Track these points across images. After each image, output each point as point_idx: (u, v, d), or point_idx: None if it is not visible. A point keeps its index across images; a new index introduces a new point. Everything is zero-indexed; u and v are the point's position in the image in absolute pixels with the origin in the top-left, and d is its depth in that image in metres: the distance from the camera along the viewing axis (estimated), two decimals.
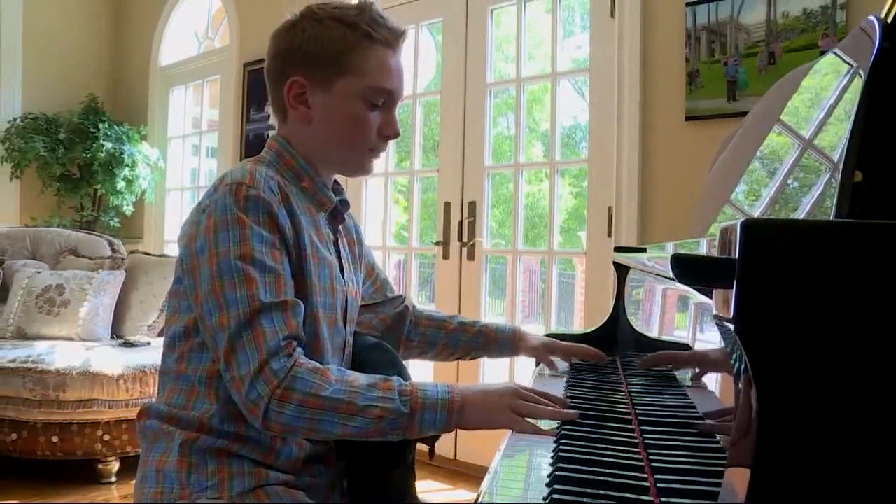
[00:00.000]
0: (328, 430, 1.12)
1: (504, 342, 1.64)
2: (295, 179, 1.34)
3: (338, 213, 1.42)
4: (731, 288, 0.51)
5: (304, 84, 1.33)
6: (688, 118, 2.96)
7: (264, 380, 1.11)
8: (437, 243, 3.87)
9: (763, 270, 0.50)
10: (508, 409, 1.17)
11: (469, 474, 3.67)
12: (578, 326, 4.09)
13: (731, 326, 0.52)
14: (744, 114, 2.45)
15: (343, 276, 1.39)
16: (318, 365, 1.15)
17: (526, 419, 1.16)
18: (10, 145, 5.61)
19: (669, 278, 1.37)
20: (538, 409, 1.17)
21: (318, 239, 1.33)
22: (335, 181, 1.44)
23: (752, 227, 0.50)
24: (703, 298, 1.06)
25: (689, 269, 0.61)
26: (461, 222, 3.75)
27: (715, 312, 0.61)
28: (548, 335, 2.03)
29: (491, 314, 3.91)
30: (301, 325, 1.20)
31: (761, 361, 0.50)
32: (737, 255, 0.50)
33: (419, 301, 4.32)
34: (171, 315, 1.30)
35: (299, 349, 1.17)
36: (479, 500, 0.83)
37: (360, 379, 1.16)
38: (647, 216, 3.09)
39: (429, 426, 1.14)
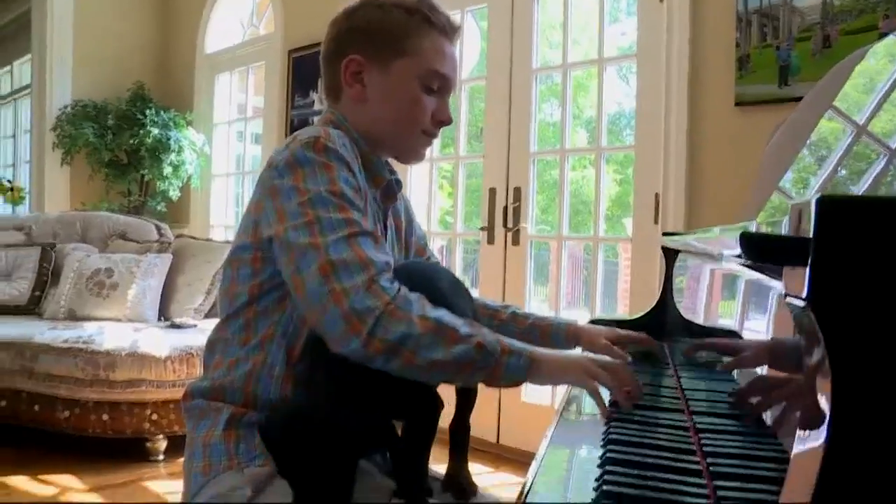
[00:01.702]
0: (429, 354, 1.08)
1: (559, 337, 1.61)
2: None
3: (390, 191, 1.43)
4: (802, 266, 0.51)
5: (361, 62, 1.35)
6: (737, 104, 2.92)
7: (375, 293, 1.09)
8: (481, 228, 3.88)
9: (838, 247, 0.49)
10: (582, 369, 1.17)
11: (511, 458, 3.68)
12: (622, 313, 4.06)
13: (804, 305, 0.51)
14: (796, 99, 2.42)
15: None
16: (417, 293, 1.14)
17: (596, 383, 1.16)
18: (61, 132, 5.72)
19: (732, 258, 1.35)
20: (610, 379, 1.16)
21: (370, 212, 1.34)
22: (387, 161, 1.44)
23: (827, 203, 0.49)
24: (753, 275, 1.05)
25: (760, 247, 0.60)
26: (506, 208, 3.74)
27: (785, 291, 0.61)
28: (592, 321, 2.02)
29: (535, 300, 3.90)
30: (392, 260, 1.19)
31: (836, 340, 0.49)
32: (811, 232, 0.49)
33: None
34: (229, 285, 1.29)
35: None
36: (532, 480, 0.83)
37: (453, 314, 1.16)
38: (694, 203, 3.06)
39: (512, 370, 1.12)
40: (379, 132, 1.38)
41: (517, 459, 3.63)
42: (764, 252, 0.62)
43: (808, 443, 0.53)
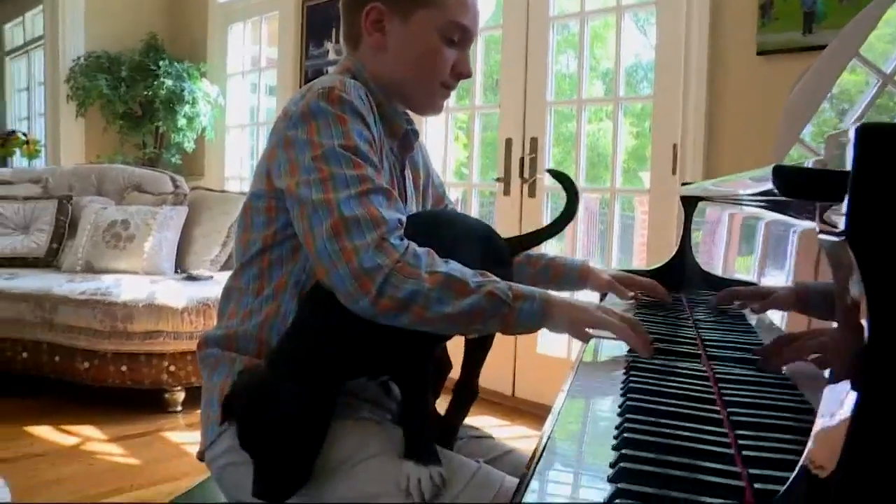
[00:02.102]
0: (439, 308, 1.08)
1: (572, 276, 1.62)
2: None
3: (407, 141, 1.42)
4: (837, 200, 0.49)
5: (382, 11, 1.33)
6: (760, 52, 2.86)
7: (385, 251, 1.09)
8: (497, 179, 3.85)
9: (880, 177, 0.47)
10: (596, 310, 1.18)
11: (526, 411, 3.70)
12: (638, 265, 4.04)
13: (840, 240, 0.49)
14: (821, 47, 2.35)
15: (405, 207, 1.38)
16: (426, 248, 1.14)
17: (612, 323, 1.16)
18: (75, 84, 5.71)
19: (754, 202, 1.33)
20: (623, 327, 1.15)
21: (387, 164, 1.32)
22: (404, 111, 1.43)
23: (869, 131, 0.47)
24: (775, 217, 1.03)
25: (794, 181, 0.58)
26: (522, 159, 3.71)
27: (819, 228, 0.59)
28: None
29: (551, 252, 3.89)
30: (404, 217, 1.18)
31: (876, 277, 0.47)
32: (851, 162, 0.47)
33: None
34: (243, 233, 1.29)
35: None
36: (550, 430, 0.82)
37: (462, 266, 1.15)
38: (713, 155, 3.02)
39: (526, 316, 1.12)
40: (397, 82, 1.36)
41: (532, 412, 3.65)
42: (798, 186, 0.60)
43: (838, 393, 0.51)
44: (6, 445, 3.07)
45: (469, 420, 1.45)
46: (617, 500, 0.61)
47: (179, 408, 3.57)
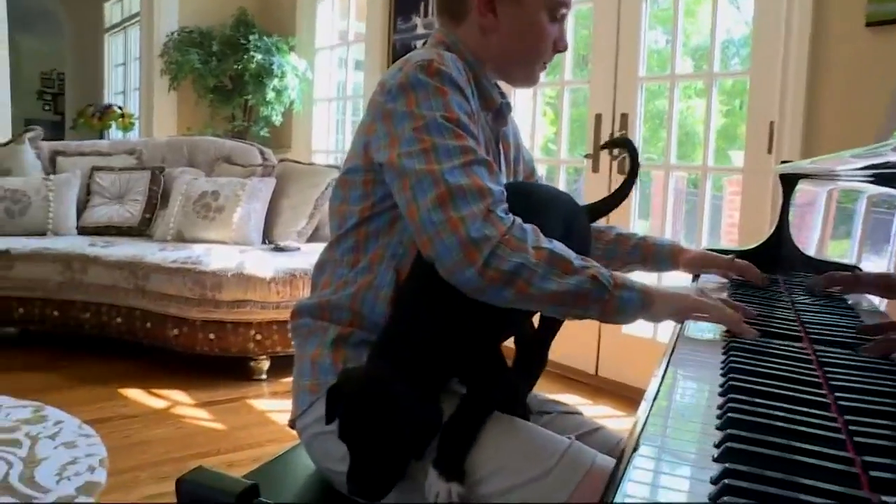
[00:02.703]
0: (543, 285, 1.07)
1: (663, 257, 1.58)
2: None
3: (501, 114, 1.40)
4: None
5: None
6: (869, 24, 2.72)
7: (491, 222, 1.08)
8: (586, 156, 3.79)
9: None
10: (698, 297, 1.16)
11: (610, 390, 3.66)
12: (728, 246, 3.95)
13: None
14: None
15: None
16: (531, 224, 1.13)
17: (713, 306, 1.13)
18: (168, 59, 5.86)
19: (860, 178, 1.28)
20: (724, 316, 1.13)
21: (482, 137, 1.31)
22: (496, 84, 1.41)
23: None
24: (878, 189, 0.99)
25: None
26: (612, 135, 3.64)
27: None
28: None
29: (638, 232, 3.83)
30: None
31: None
32: None
33: None
34: (339, 205, 1.30)
35: None
36: (648, 411, 0.80)
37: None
38: (812, 132, 2.90)
39: (626, 303, 1.11)
40: (501, 59, 1.36)
41: (616, 392, 3.62)
42: None
43: None
44: (102, 405, 3.20)
45: (552, 398, 1.44)
46: (725, 480, 0.59)
47: (264, 376, 3.65)
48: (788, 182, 1.89)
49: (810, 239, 1.62)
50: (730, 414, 0.75)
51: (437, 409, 1.10)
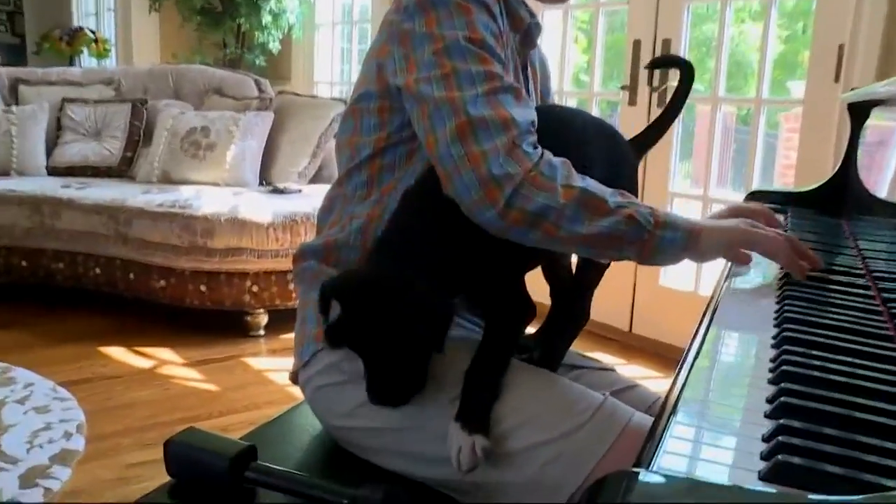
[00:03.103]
0: (573, 227, 1.08)
1: None
2: None
3: (530, 36, 1.39)
4: None
5: None
6: None
7: (516, 158, 1.08)
8: (622, 88, 3.76)
9: None
10: (748, 230, 1.15)
11: (645, 349, 3.67)
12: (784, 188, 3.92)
13: None
14: None
15: None
16: (562, 158, 1.12)
17: (765, 236, 1.13)
18: None
19: None
20: (782, 246, 1.12)
21: (511, 61, 1.30)
22: (525, 4, 1.39)
23: None
24: None
25: None
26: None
27: None
28: (752, 194, 1.94)
29: (678, 177, 3.80)
30: (536, 118, 1.16)
31: None
32: None
33: None
34: (350, 137, 1.30)
35: None
36: (689, 369, 0.80)
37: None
38: (891, 56, 2.83)
39: (668, 244, 1.10)
40: None
41: (652, 351, 3.63)
42: None
43: None
44: (79, 366, 3.24)
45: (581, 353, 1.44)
46: (779, 437, 0.59)
47: (262, 332, 3.69)
48: (858, 114, 1.86)
49: (881, 181, 1.60)
50: (784, 367, 0.75)
51: (449, 302, 1.11)
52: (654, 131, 1.45)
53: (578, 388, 1.19)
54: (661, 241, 1.10)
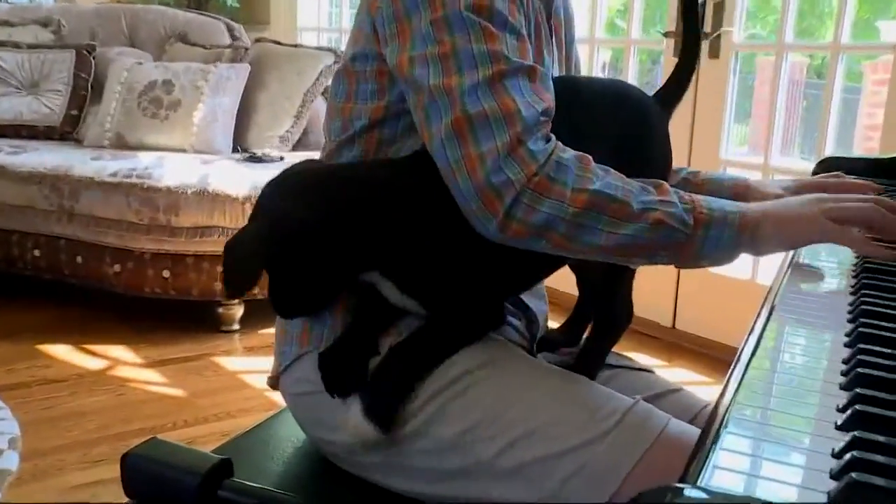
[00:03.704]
0: (588, 239, 1.08)
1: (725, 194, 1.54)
2: None
3: None
4: None
5: None
6: None
7: (518, 161, 1.07)
8: (665, 34, 3.75)
9: None
10: (820, 216, 1.12)
11: (689, 348, 3.68)
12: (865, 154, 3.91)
13: None
14: None
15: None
16: (578, 152, 1.12)
17: (853, 230, 1.12)
18: None
19: None
20: (861, 208, 1.11)
21: (532, 16, 1.30)
22: None
23: None
24: None
25: None
26: (703, 4, 3.59)
27: None
28: (823, 163, 1.92)
29: (732, 141, 3.80)
30: (553, 102, 1.17)
31: None
32: None
33: None
34: (344, 103, 1.30)
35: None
36: (743, 372, 0.80)
37: (624, 176, 1.13)
38: None
39: (712, 246, 1.10)
40: None
41: (699, 351, 3.64)
42: None
43: None
44: (15, 368, 3.25)
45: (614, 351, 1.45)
46: (853, 452, 0.60)
47: (236, 326, 3.71)
48: None
49: None
50: (860, 369, 0.76)
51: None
52: (679, 78, 1.41)
53: (603, 389, 1.20)
54: (703, 243, 1.10)
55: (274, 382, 1.35)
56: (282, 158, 3.98)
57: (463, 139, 1.10)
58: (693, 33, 1.43)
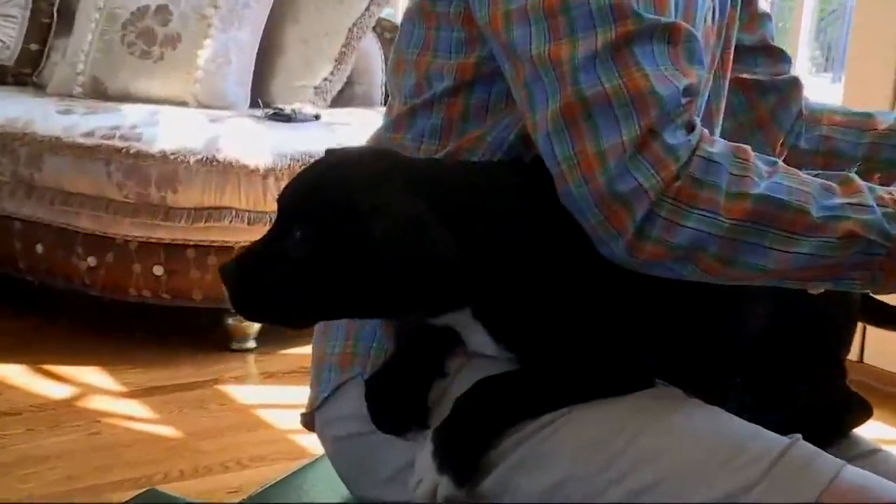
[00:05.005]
0: (750, 261, 1.08)
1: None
2: None
3: None
4: None
5: None
6: None
7: (651, 160, 1.07)
8: None
9: None
10: None
11: (879, 388, 3.62)
12: None
13: None
14: None
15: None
16: (733, 143, 1.14)
17: None
18: None
19: None
20: None
21: None
22: None
23: None
24: None
25: None
26: None
27: None
28: None
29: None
30: (703, 73, 1.19)
31: None
32: None
33: None
34: (419, 54, 1.31)
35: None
36: None
37: (797, 171, 1.14)
38: None
39: None
40: None
41: (885, 390, 3.57)
42: None
43: None
44: None
45: None
46: None
47: (252, 343, 3.73)
48: None
49: None
50: None
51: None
52: None
53: (749, 427, 1.20)
54: None
55: (308, 421, 1.40)
56: (317, 117, 3.98)
57: (576, 131, 1.09)
58: None
